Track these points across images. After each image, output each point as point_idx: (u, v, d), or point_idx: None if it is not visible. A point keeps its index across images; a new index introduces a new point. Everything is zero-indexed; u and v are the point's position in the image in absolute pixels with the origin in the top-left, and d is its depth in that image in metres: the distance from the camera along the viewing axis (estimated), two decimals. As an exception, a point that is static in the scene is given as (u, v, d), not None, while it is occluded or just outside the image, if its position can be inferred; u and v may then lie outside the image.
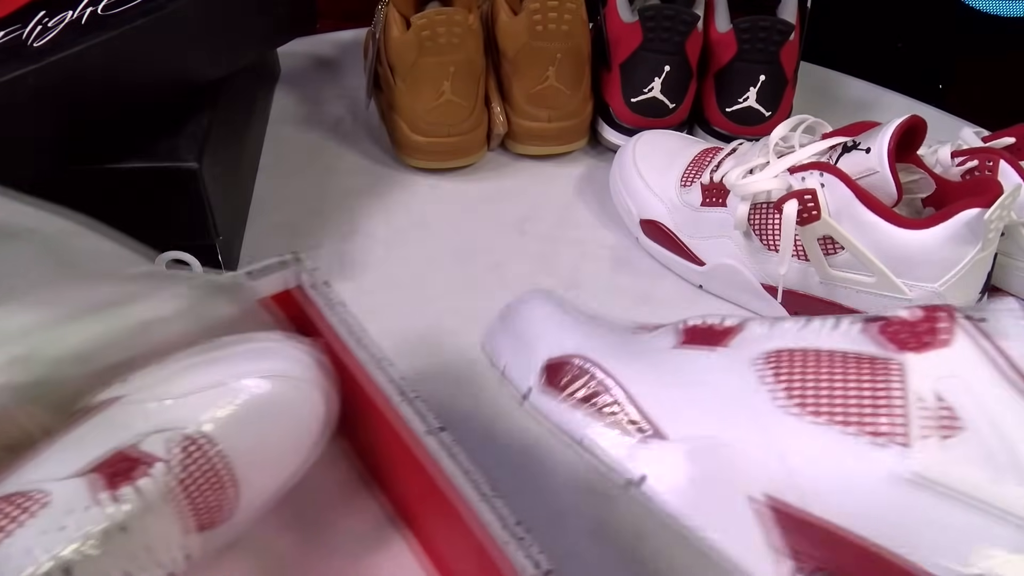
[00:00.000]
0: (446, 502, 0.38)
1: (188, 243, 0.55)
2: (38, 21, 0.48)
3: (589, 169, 0.72)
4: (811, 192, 0.51)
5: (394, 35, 0.63)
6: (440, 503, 0.38)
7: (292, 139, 0.73)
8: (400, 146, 0.69)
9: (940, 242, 0.49)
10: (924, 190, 0.54)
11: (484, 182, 0.70)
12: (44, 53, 0.46)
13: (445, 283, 0.61)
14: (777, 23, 0.65)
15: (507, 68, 0.68)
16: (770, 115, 0.67)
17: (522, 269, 0.63)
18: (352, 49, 0.83)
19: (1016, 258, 0.54)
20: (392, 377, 0.41)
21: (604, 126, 0.71)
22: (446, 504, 0.38)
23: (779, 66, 0.66)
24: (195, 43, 0.54)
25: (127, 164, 0.51)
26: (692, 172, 0.61)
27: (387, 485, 0.46)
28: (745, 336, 0.33)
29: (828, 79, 0.83)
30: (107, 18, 0.49)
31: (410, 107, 0.65)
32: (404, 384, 0.40)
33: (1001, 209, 0.47)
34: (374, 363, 0.42)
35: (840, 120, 0.58)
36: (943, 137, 0.57)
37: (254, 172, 0.69)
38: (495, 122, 0.69)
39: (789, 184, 0.53)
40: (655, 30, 0.65)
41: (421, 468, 0.39)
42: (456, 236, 0.65)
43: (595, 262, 0.64)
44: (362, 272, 0.62)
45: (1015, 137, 0.56)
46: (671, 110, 0.68)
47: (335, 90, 0.78)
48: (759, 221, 0.55)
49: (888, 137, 0.50)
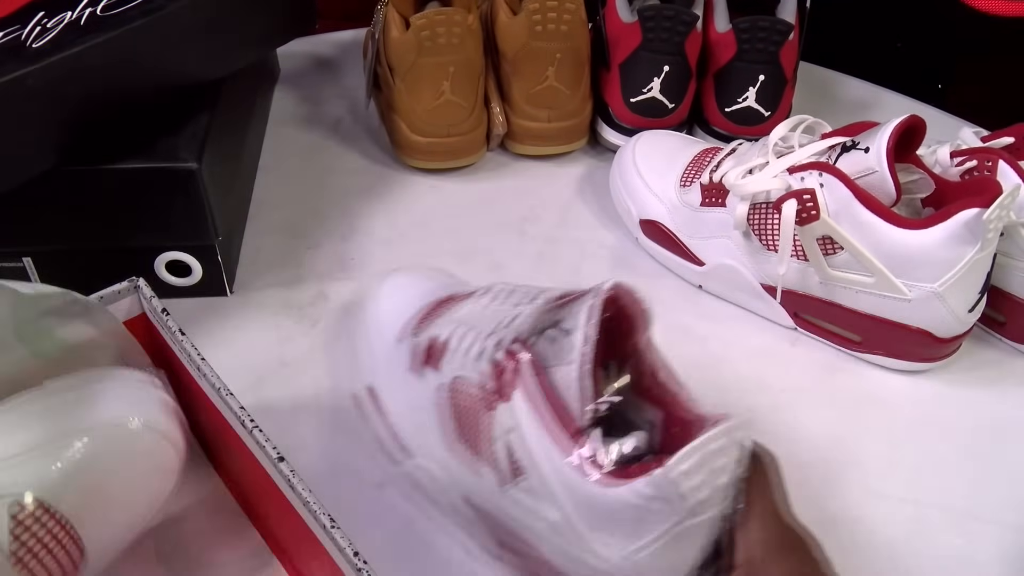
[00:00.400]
0: (304, 528, 0.37)
1: (187, 243, 0.56)
2: (37, 22, 0.48)
3: (589, 169, 0.72)
4: (810, 192, 0.51)
5: (393, 35, 0.63)
6: (300, 529, 0.38)
7: (292, 139, 0.73)
8: (400, 146, 0.69)
9: (939, 242, 0.49)
10: (923, 190, 0.54)
11: (484, 182, 0.70)
12: (43, 54, 0.46)
13: (445, 283, 0.61)
14: (776, 23, 0.65)
15: (506, 68, 0.68)
16: (769, 115, 0.67)
17: (522, 269, 0.63)
18: (352, 49, 0.83)
19: (1015, 258, 0.54)
20: (232, 407, 0.39)
21: (603, 126, 0.71)
22: (308, 534, 0.37)
23: (778, 66, 0.66)
24: (194, 44, 0.54)
25: (127, 164, 0.51)
26: (692, 172, 0.61)
27: (255, 513, 0.46)
28: None
29: (827, 79, 0.83)
30: (106, 19, 0.49)
31: (410, 107, 0.65)
32: (243, 414, 0.39)
33: (1000, 209, 0.47)
34: (215, 393, 0.40)
35: (839, 120, 0.58)
36: (942, 137, 0.57)
37: (254, 172, 0.69)
38: (495, 122, 0.69)
39: (788, 184, 0.53)
40: (654, 30, 0.65)
41: (281, 496, 0.38)
42: (456, 236, 0.65)
43: (595, 262, 0.64)
44: (362, 272, 0.62)
45: (1014, 137, 0.56)
46: (670, 110, 0.68)
47: (335, 90, 0.78)
48: (758, 221, 0.55)
49: (887, 137, 0.50)
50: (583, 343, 0.37)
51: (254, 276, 0.61)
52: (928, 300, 0.51)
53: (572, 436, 0.36)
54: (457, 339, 0.43)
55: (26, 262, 0.55)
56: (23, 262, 0.55)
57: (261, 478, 0.40)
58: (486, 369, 0.40)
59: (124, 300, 0.44)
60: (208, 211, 0.53)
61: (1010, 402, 0.55)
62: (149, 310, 0.45)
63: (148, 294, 0.44)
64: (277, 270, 0.61)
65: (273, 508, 0.41)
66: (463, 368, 0.42)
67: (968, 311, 0.52)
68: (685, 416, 0.39)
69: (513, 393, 0.38)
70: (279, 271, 0.61)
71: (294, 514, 0.38)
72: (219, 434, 0.43)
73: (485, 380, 0.40)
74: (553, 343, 0.39)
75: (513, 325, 0.41)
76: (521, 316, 0.42)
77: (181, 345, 0.42)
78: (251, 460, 0.40)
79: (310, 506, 0.36)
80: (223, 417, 0.41)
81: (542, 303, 0.42)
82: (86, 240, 0.55)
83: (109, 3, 0.50)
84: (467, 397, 0.41)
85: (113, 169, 0.51)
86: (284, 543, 0.44)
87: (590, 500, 0.36)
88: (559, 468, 0.37)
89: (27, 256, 0.55)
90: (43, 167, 0.49)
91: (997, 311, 0.57)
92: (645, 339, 0.40)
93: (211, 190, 0.53)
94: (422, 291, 0.50)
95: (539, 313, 0.41)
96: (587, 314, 0.38)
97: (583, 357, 0.37)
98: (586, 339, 0.37)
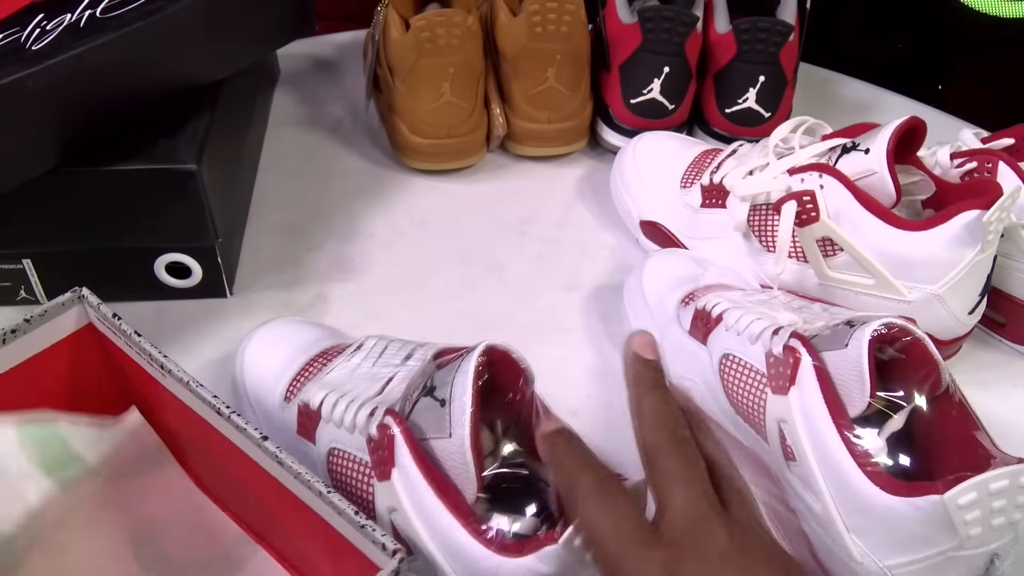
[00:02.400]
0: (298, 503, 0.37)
1: (187, 245, 0.56)
2: (36, 24, 0.48)
3: (589, 170, 0.72)
4: (810, 193, 0.51)
5: (393, 37, 0.63)
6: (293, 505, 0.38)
7: (292, 140, 0.73)
8: (400, 147, 0.69)
9: (939, 244, 0.49)
10: (924, 192, 0.54)
11: (484, 183, 0.70)
12: (43, 56, 0.46)
13: (445, 284, 0.61)
14: (777, 24, 0.65)
15: (506, 69, 0.68)
16: (770, 116, 0.67)
17: (522, 270, 0.63)
18: (352, 51, 0.83)
19: (1016, 259, 0.54)
20: (205, 397, 0.39)
21: (604, 127, 0.71)
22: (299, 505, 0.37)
23: (779, 67, 0.66)
24: (194, 45, 0.54)
25: (126, 166, 0.51)
26: (692, 173, 0.61)
27: (237, 503, 0.45)
28: None
29: (828, 80, 0.83)
30: (105, 21, 0.49)
31: (410, 108, 0.65)
32: (218, 402, 0.39)
33: (1000, 211, 0.47)
34: (184, 388, 0.40)
35: (840, 121, 0.58)
36: (943, 138, 0.57)
37: (254, 173, 0.69)
38: (495, 123, 0.69)
39: (788, 185, 0.53)
40: (654, 31, 0.65)
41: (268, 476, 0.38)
42: (456, 237, 0.65)
43: (595, 263, 0.64)
44: (362, 273, 0.62)
45: (1014, 138, 0.56)
46: (671, 111, 0.67)
47: (335, 91, 0.78)
48: (758, 222, 0.55)
49: (887, 138, 0.50)
50: (460, 414, 0.36)
51: (254, 277, 0.61)
52: (928, 302, 0.51)
53: (463, 514, 0.36)
54: (329, 407, 0.41)
55: (25, 263, 0.55)
56: (23, 264, 0.55)
57: (243, 464, 0.39)
58: (361, 444, 0.39)
59: (71, 311, 0.43)
60: (208, 212, 0.53)
61: (1011, 403, 0.55)
62: (98, 318, 0.43)
63: (95, 302, 0.43)
64: (277, 271, 0.61)
65: (258, 492, 0.40)
66: (337, 440, 0.41)
67: (968, 313, 0.52)
68: None
69: (391, 471, 0.37)
70: (279, 272, 0.61)
71: (283, 492, 0.38)
72: (190, 429, 0.42)
73: (361, 455, 0.40)
74: (428, 412, 0.38)
75: (385, 392, 0.40)
76: (393, 380, 0.41)
77: (140, 346, 0.41)
78: (230, 448, 0.39)
79: (302, 477, 0.36)
80: (194, 412, 0.40)
81: (415, 366, 0.41)
82: (86, 241, 0.55)
83: (109, 5, 0.50)
84: (345, 472, 0.41)
85: (113, 170, 0.51)
86: (270, 527, 0.43)
87: None
88: (452, 544, 0.36)
89: (27, 258, 0.55)
90: (43, 168, 0.49)
91: (997, 313, 0.57)
92: (528, 394, 0.39)
93: (211, 191, 0.53)
94: (293, 348, 0.48)
95: (412, 377, 0.40)
96: (462, 383, 0.37)
97: (463, 430, 0.36)
98: (463, 410, 0.36)
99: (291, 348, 0.48)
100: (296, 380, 0.46)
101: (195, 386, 0.39)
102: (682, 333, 0.50)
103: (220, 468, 0.43)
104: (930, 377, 0.40)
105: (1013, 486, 0.35)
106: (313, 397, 0.42)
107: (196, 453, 0.45)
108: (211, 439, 0.40)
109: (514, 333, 0.58)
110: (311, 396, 0.43)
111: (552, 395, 0.41)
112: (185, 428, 0.43)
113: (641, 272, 0.56)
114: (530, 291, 0.61)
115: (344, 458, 0.41)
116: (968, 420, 0.39)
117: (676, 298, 0.52)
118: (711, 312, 0.48)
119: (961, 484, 0.34)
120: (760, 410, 0.44)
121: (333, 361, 0.45)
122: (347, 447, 0.40)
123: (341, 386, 0.42)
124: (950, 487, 0.34)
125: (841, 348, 0.40)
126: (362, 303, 0.59)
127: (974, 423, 0.39)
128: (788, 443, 0.42)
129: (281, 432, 0.45)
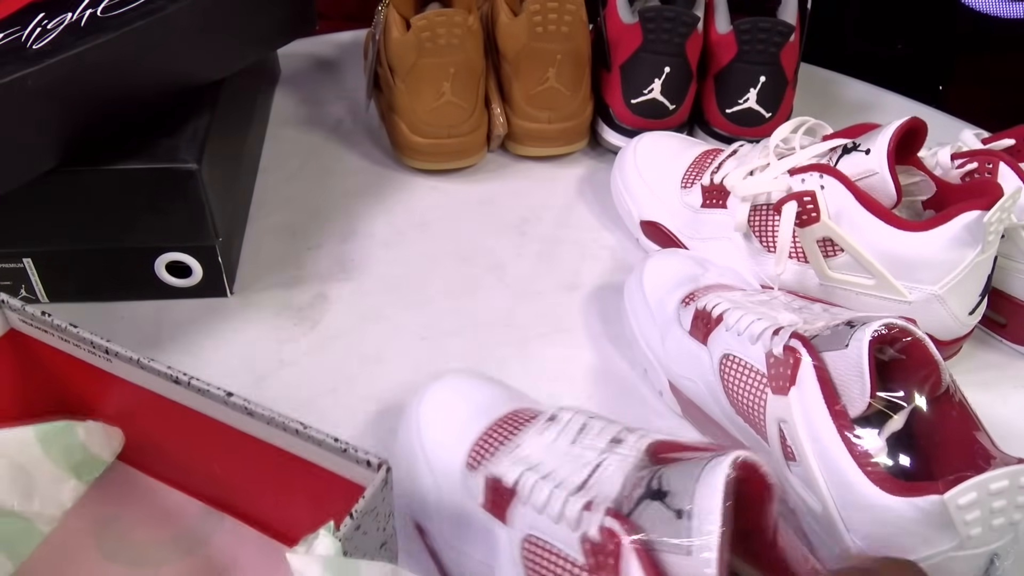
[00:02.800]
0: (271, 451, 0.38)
1: (188, 244, 0.56)
2: (37, 23, 0.48)
3: (589, 170, 0.72)
4: (810, 194, 0.51)
5: (394, 36, 0.63)
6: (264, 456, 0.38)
7: (292, 140, 0.73)
8: (400, 147, 0.69)
9: (940, 244, 0.49)
10: (924, 192, 0.54)
11: (484, 183, 0.70)
12: (43, 55, 0.46)
13: (445, 284, 0.61)
14: (777, 24, 0.65)
15: (507, 69, 0.68)
16: (770, 116, 0.67)
17: (522, 270, 0.63)
18: (352, 50, 0.83)
19: (1016, 260, 0.54)
20: (160, 369, 0.38)
21: (604, 127, 0.71)
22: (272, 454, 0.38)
23: (779, 67, 0.66)
24: (194, 45, 0.54)
25: (127, 165, 0.51)
26: (692, 174, 0.61)
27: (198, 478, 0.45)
28: None
29: (828, 80, 0.83)
30: (106, 20, 0.49)
31: (410, 108, 0.65)
32: (174, 371, 0.38)
33: (1001, 211, 0.47)
34: (135, 366, 0.39)
35: (841, 122, 0.58)
36: (943, 139, 0.57)
37: (254, 173, 0.69)
38: (495, 123, 0.69)
39: (789, 186, 0.53)
40: (655, 31, 0.65)
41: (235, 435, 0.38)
42: (456, 237, 0.65)
43: (595, 263, 0.64)
44: (362, 273, 0.62)
45: (1015, 139, 0.56)
46: (671, 111, 0.67)
47: (335, 91, 0.78)
48: (759, 223, 0.55)
49: (888, 139, 0.50)
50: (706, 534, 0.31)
51: (254, 277, 0.61)
52: (928, 302, 0.51)
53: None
54: (527, 487, 0.37)
55: (26, 263, 0.55)
56: (23, 263, 0.55)
57: (205, 432, 0.39)
58: (573, 542, 0.35)
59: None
60: (208, 212, 0.53)
61: (1011, 404, 0.55)
62: (23, 320, 0.42)
63: (17, 305, 0.41)
64: (277, 271, 0.61)
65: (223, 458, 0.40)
66: (536, 528, 0.36)
67: (969, 313, 0.52)
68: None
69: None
70: (279, 272, 0.61)
71: (252, 447, 0.38)
72: (142, 414, 0.42)
73: (574, 555, 0.35)
74: (659, 521, 0.32)
75: (599, 485, 0.35)
76: (602, 468, 0.36)
77: (78, 336, 0.40)
78: (190, 419, 0.39)
79: (275, 421, 0.36)
80: (147, 390, 0.40)
81: (630, 457, 0.36)
82: (86, 241, 0.55)
83: (109, 4, 0.50)
84: (546, 567, 0.36)
85: (113, 170, 0.51)
86: (236, 493, 0.43)
87: None
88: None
89: (27, 257, 0.55)
90: (43, 168, 0.49)
91: (998, 313, 0.57)
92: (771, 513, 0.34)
93: (211, 191, 0.53)
94: (473, 408, 0.44)
95: (631, 471, 0.35)
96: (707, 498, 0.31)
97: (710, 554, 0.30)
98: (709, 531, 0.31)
99: (471, 407, 0.44)
100: (479, 445, 0.42)
101: (146, 361, 0.39)
102: (682, 333, 0.50)
103: (177, 446, 0.43)
104: (930, 377, 0.40)
105: (1013, 486, 0.35)
106: (507, 473, 0.38)
107: (147, 439, 0.45)
108: (169, 416, 0.40)
109: (514, 333, 0.58)
110: (504, 471, 0.38)
111: (552, 395, 0.40)
112: (136, 415, 0.43)
113: (641, 272, 0.56)
114: (530, 291, 0.61)
115: (546, 550, 0.36)
116: (968, 420, 0.39)
117: (676, 298, 0.52)
118: (711, 312, 0.48)
119: (961, 484, 0.34)
120: (760, 410, 0.44)
121: (523, 431, 0.41)
122: (551, 539, 0.36)
123: (539, 465, 0.38)
124: (950, 487, 0.34)
125: (841, 348, 0.40)
126: (362, 303, 0.59)
127: (974, 423, 0.39)
128: (788, 443, 0.42)
129: (465, 501, 0.41)
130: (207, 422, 0.39)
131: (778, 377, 0.42)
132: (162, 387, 0.39)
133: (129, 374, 0.40)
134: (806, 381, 0.40)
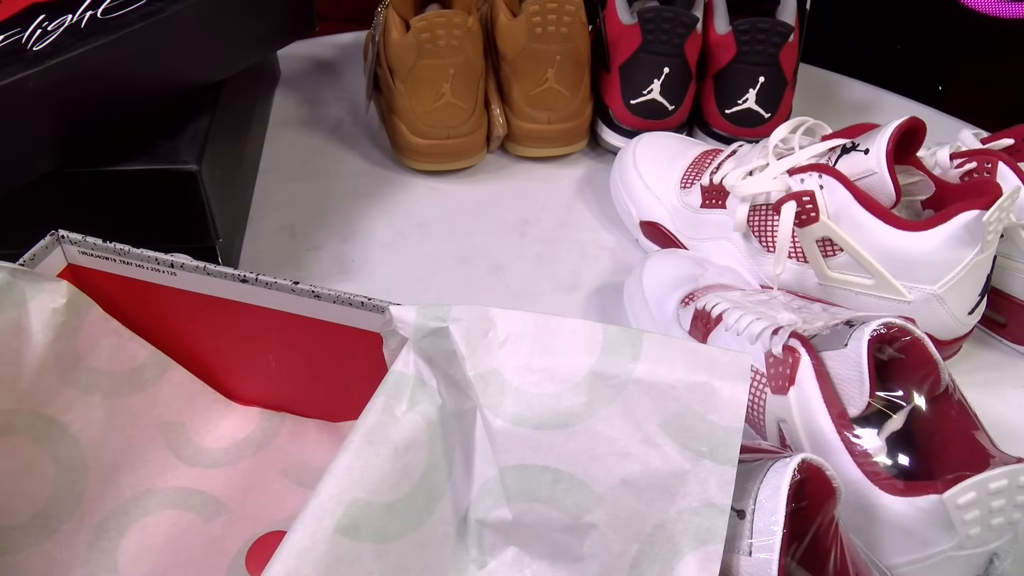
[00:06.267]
0: (332, 330, 0.43)
1: (188, 245, 0.56)
2: (38, 25, 0.48)
3: (589, 171, 0.72)
4: (810, 194, 0.51)
5: (393, 37, 0.63)
6: (325, 336, 0.43)
7: (292, 141, 0.73)
8: (400, 148, 0.69)
9: (939, 244, 0.49)
10: (923, 192, 0.54)
11: (484, 184, 0.70)
12: (44, 57, 0.46)
13: (445, 284, 0.61)
14: (776, 25, 0.65)
15: (506, 70, 0.68)
16: (769, 117, 0.67)
17: (522, 271, 0.63)
18: (352, 51, 0.83)
19: (1016, 260, 0.54)
20: (226, 272, 0.42)
21: (604, 128, 0.71)
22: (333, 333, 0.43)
23: (778, 68, 0.66)
24: (195, 46, 0.54)
25: (127, 166, 0.51)
26: (692, 174, 0.61)
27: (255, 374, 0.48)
28: None
29: (828, 81, 0.83)
30: (107, 22, 0.49)
31: (410, 109, 0.65)
32: (241, 272, 0.42)
33: (1000, 211, 0.47)
34: (202, 271, 0.43)
35: (840, 122, 0.58)
36: (942, 139, 0.57)
37: (254, 174, 0.69)
38: (495, 124, 0.69)
39: (788, 186, 0.53)
40: (654, 32, 0.65)
41: (297, 322, 0.43)
42: (456, 238, 0.65)
43: (595, 263, 0.64)
44: (362, 273, 0.62)
45: (1014, 139, 0.56)
46: (670, 112, 0.68)
47: (335, 92, 0.79)
48: (758, 223, 0.55)
49: (887, 138, 0.50)
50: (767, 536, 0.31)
51: (254, 278, 0.61)
52: (928, 302, 0.51)
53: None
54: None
55: (27, 264, 0.55)
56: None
57: (267, 326, 0.44)
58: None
59: (53, 254, 0.44)
60: (208, 213, 0.53)
61: (1011, 404, 0.55)
62: (86, 249, 0.44)
63: (77, 237, 0.44)
64: (277, 272, 0.61)
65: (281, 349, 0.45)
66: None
67: (968, 313, 0.52)
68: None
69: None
70: (279, 273, 0.61)
71: (317, 328, 0.42)
72: (203, 322, 0.45)
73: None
74: None
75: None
76: None
77: (142, 256, 0.43)
78: (253, 316, 0.43)
79: (341, 298, 0.41)
80: (210, 296, 0.44)
81: None
82: (87, 242, 0.55)
83: (110, 6, 0.50)
84: None
85: (114, 171, 0.51)
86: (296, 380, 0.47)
87: None
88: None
89: (28, 258, 0.55)
90: (44, 169, 0.49)
91: (997, 313, 0.57)
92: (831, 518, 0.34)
93: (211, 192, 0.53)
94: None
95: None
96: (769, 500, 0.32)
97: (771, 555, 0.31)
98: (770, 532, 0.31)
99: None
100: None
101: (212, 268, 0.42)
102: (682, 333, 0.50)
103: (235, 348, 0.47)
104: (929, 377, 0.40)
105: (1012, 486, 0.35)
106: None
107: (207, 349, 0.47)
108: (230, 317, 0.44)
109: (514, 333, 0.58)
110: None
111: (552, 395, 0.41)
112: (198, 324, 0.46)
113: (641, 272, 0.56)
114: (530, 291, 0.61)
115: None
116: (967, 420, 0.39)
117: (676, 298, 0.53)
118: (711, 312, 0.48)
119: (960, 484, 0.34)
120: (760, 410, 0.44)
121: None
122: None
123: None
124: (949, 487, 0.34)
125: (840, 348, 0.40)
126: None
127: (973, 423, 0.39)
128: (787, 443, 0.42)
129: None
130: (269, 315, 0.43)
131: (777, 377, 0.42)
132: (227, 290, 0.43)
133: (194, 284, 0.43)
134: (805, 381, 0.40)
